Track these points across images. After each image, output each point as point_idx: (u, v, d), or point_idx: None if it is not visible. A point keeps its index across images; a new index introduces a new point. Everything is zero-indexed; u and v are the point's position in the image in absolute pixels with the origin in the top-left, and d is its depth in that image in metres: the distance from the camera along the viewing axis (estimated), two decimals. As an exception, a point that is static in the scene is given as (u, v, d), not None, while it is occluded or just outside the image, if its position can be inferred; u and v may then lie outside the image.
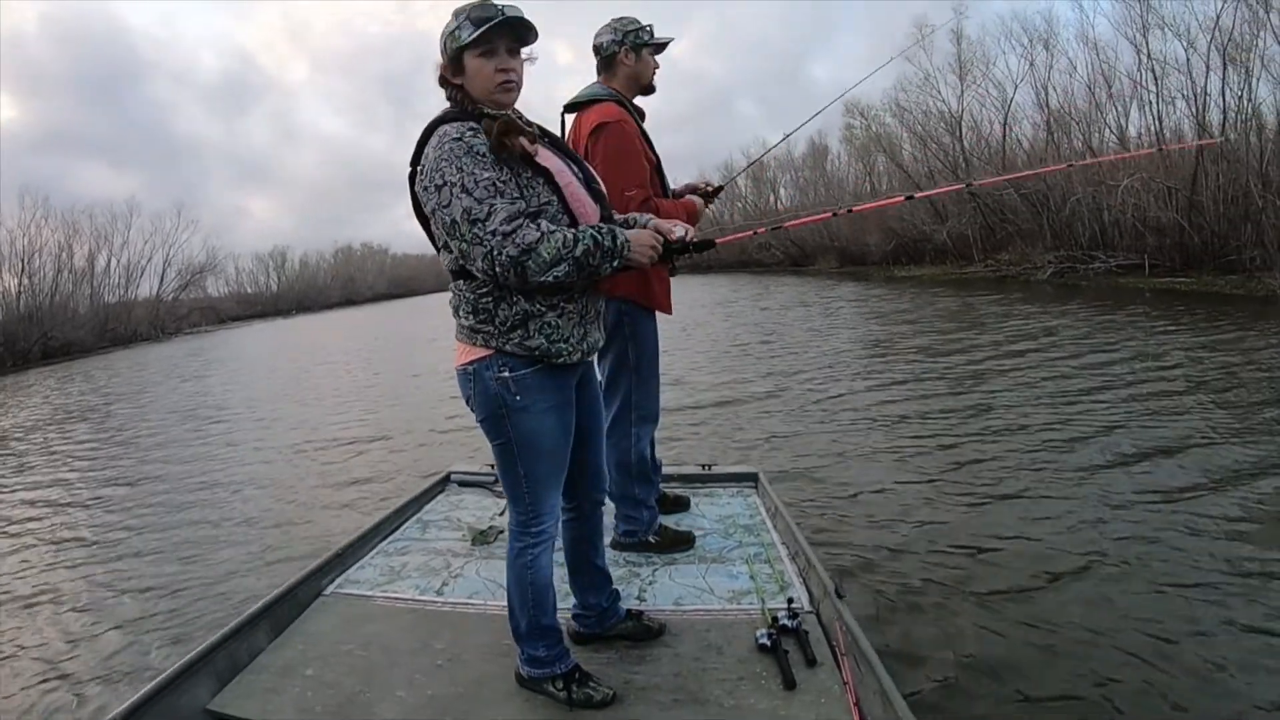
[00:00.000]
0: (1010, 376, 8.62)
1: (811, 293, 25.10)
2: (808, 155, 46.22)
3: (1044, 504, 4.67)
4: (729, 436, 7.15)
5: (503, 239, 1.77)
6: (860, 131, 35.83)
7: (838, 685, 2.13)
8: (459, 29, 1.88)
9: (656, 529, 3.19)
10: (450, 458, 6.76)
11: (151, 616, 4.24)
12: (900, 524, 4.54)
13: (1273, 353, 8.55)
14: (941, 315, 15.78)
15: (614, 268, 1.92)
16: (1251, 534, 3.98)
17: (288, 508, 6.26)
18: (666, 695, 2.16)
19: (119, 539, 5.87)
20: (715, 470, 4.19)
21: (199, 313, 54.95)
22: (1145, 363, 8.50)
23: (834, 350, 11.86)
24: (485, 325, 1.96)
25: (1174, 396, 6.94)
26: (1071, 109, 23.66)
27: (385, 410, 10.78)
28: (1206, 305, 13.56)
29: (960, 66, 27.77)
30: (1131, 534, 4.12)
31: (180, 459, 8.94)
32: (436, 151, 1.83)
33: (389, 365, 17.39)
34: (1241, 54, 17.24)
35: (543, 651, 2.16)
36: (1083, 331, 11.35)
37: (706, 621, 2.57)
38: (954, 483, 5.18)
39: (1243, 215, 17.07)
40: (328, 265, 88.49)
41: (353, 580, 3.07)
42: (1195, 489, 4.66)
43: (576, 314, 2.01)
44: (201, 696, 2.25)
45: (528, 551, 2.12)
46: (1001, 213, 25.77)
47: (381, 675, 2.32)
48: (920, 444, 6.23)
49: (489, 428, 2.06)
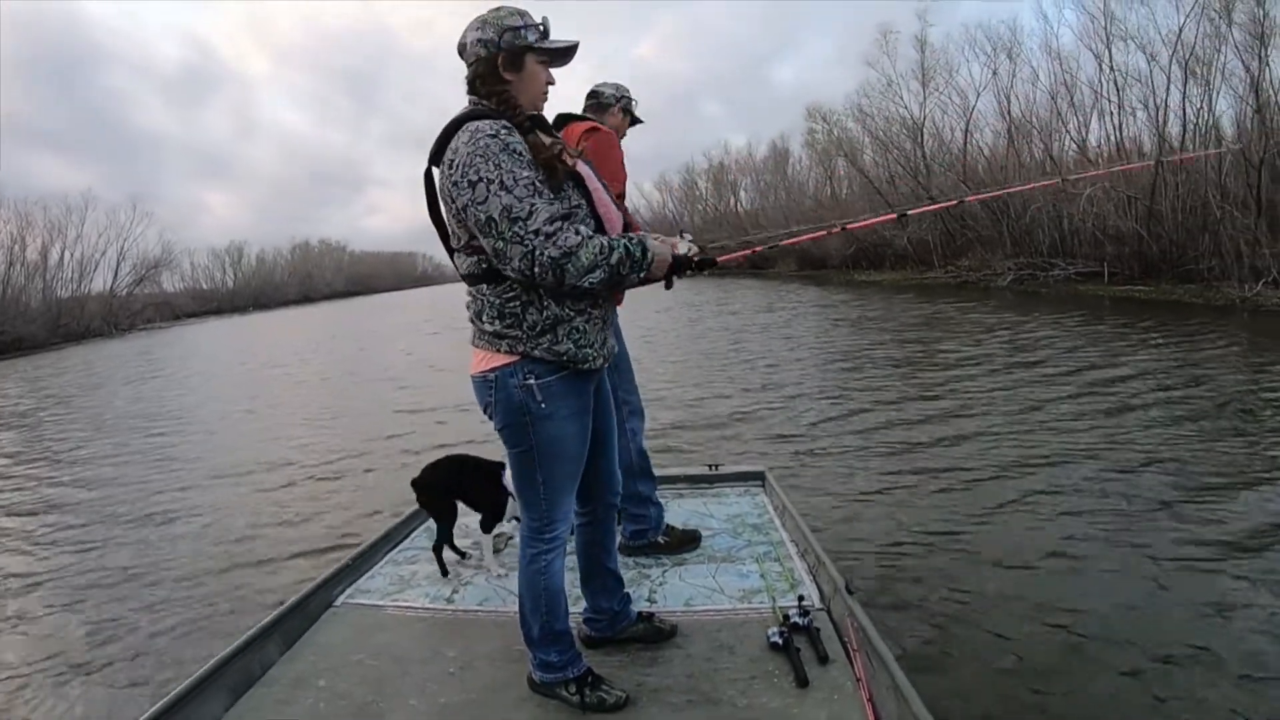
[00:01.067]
0: (996, 380, 8.53)
1: (777, 298, 24.79)
2: (769, 158, 46.17)
3: (1056, 498, 4.66)
4: (737, 437, 6.99)
5: (545, 239, 1.74)
6: (822, 135, 35.74)
7: (850, 682, 2.11)
8: (525, 29, 1.87)
9: (664, 529, 3.19)
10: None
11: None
12: (910, 520, 4.51)
13: (1238, 360, 8.81)
14: (921, 322, 15.48)
15: (639, 279, 1.91)
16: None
17: (233, 548, 5.35)
18: (679, 696, 2.14)
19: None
20: (722, 470, 4.15)
21: (153, 308, 53.95)
22: (1149, 379, 8.31)
23: (817, 356, 11.46)
24: (513, 330, 1.91)
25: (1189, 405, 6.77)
26: (1033, 117, 23.72)
27: (341, 438, 9.74)
28: (1172, 314, 13.52)
29: (923, 73, 27.78)
30: (1152, 529, 4.14)
31: (107, 481, 7.93)
32: (470, 147, 1.78)
33: (365, 392, 16.52)
34: (1202, 67, 17.33)
35: (555, 656, 2.14)
36: (1078, 340, 11.23)
37: (717, 621, 2.55)
38: (963, 481, 5.15)
39: (1201, 225, 17.15)
40: (285, 262, 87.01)
41: (363, 590, 3.04)
42: (1210, 492, 4.64)
43: (601, 319, 2.01)
44: (215, 710, 2.22)
45: (541, 557, 2.09)
46: (962, 219, 25.76)
47: (393, 684, 2.31)
48: (922, 444, 6.16)
49: (509, 435, 2.01)
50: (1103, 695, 2.76)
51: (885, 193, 30.18)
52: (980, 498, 4.79)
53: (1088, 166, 20.69)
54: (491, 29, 1.87)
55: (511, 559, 2.99)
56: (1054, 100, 22.67)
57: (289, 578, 4.60)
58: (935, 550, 4.06)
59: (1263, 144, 15.64)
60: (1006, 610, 3.38)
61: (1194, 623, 3.18)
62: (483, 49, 1.88)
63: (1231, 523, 4.19)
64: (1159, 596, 3.43)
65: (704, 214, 54.05)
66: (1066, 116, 22.43)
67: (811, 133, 37.02)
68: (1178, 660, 2.91)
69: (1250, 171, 15.93)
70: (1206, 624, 3.17)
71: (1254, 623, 3.16)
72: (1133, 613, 3.28)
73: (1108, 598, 3.42)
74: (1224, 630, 3.12)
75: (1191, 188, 17.40)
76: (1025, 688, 2.82)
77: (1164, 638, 3.07)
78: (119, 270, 49.58)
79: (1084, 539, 4.07)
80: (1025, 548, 4.01)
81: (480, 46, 1.88)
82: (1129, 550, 3.90)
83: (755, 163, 48.24)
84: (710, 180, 54.92)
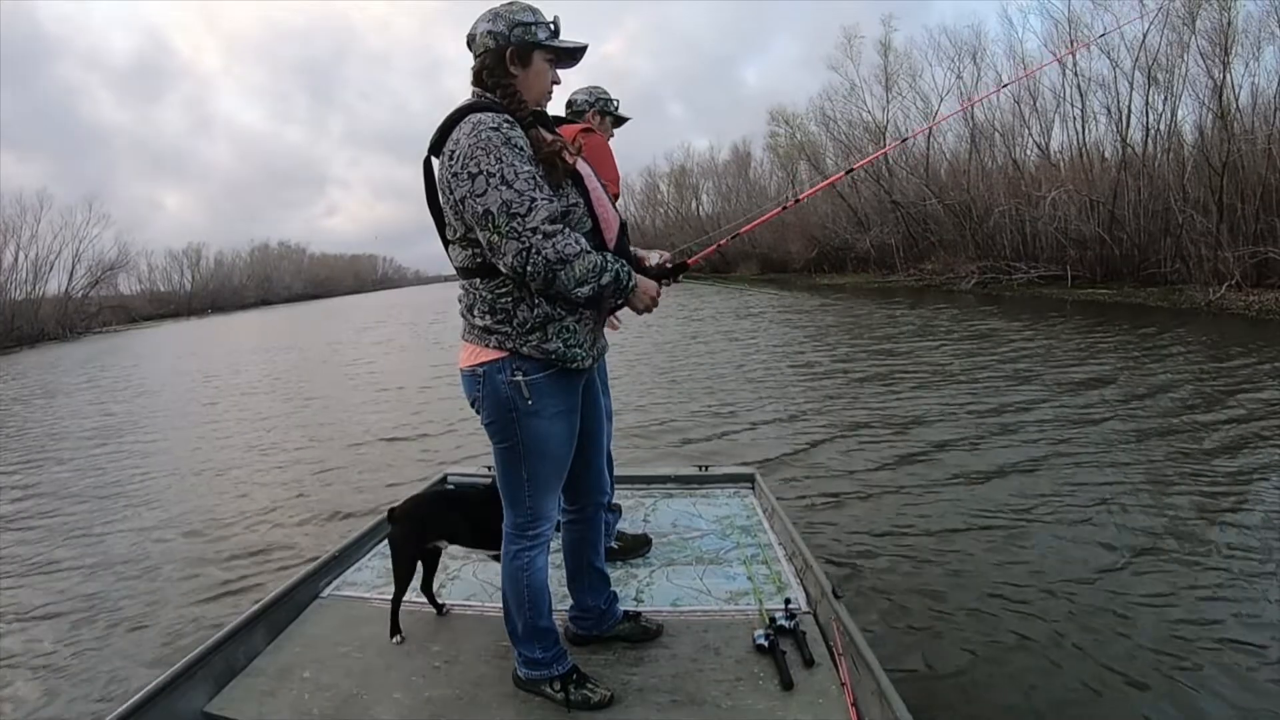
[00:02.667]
0: (983, 386, 8.30)
1: (742, 303, 24.21)
2: (731, 162, 45.82)
3: (1045, 507, 4.58)
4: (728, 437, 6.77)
5: (543, 239, 1.73)
6: (784, 139, 35.38)
7: (835, 686, 2.09)
8: (535, 25, 1.86)
9: (616, 534, 3.10)
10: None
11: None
12: (895, 525, 4.45)
13: (1208, 362, 8.83)
14: (896, 327, 14.86)
15: (615, 305, 1.96)
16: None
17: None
18: (664, 696, 2.11)
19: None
20: (712, 471, 4.08)
21: (109, 311, 51.60)
22: (1143, 383, 8.03)
23: (795, 361, 10.72)
24: (502, 326, 1.88)
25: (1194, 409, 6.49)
26: (996, 122, 23.53)
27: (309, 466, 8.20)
28: (1138, 317, 13.32)
29: (886, 77, 27.52)
30: (1135, 536, 4.09)
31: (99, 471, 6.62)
32: (471, 139, 1.75)
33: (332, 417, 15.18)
34: (1164, 74, 17.22)
35: (539, 653, 2.10)
36: (1054, 344, 10.88)
37: (704, 622, 2.52)
38: (951, 488, 5.05)
39: (1162, 229, 17.06)
40: (244, 264, 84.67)
41: (350, 582, 2.99)
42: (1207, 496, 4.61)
43: (592, 319, 1.98)
44: (198, 699, 2.18)
45: (524, 554, 2.06)
46: (924, 223, 25.58)
47: (378, 677, 2.28)
48: (912, 451, 6.00)
49: (495, 430, 1.97)
50: (1088, 702, 2.73)
51: (847, 196, 29.97)
52: (968, 505, 4.70)
53: (1050, 171, 20.61)
54: (503, 22, 1.85)
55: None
56: (1018, 104, 22.49)
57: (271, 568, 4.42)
58: (922, 556, 4.00)
59: (1225, 148, 15.55)
60: (992, 617, 3.34)
61: (1185, 634, 3.11)
62: (492, 41, 1.85)
63: (1230, 524, 4.15)
64: (1149, 608, 3.35)
65: (665, 217, 53.61)
66: (1029, 121, 22.24)
67: (774, 136, 36.60)
68: (1167, 671, 2.87)
69: (1213, 176, 15.84)
70: (1195, 636, 3.10)
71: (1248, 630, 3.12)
72: (1122, 622, 3.23)
73: (1096, 606, 3.37)
74: (1218, 644, 3.03)
75: (1153, 192, 17.30)
76: (1010, 695, 2.80)
77: (1153, 649, 3.02)
78: (74, 272, 47.43)
79: (1073, 546, 4.01)
80: (1011, 555, 3.96)
81: (490, 38, 1.85)
82: (1119, 558, 3.83)
83: (717, 166, 47.85)
84: (672, 183, 54.48)
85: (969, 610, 3.40)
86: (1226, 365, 8.59)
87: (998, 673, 2.93)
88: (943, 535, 4.26)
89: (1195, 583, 3.50)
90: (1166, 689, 2.76)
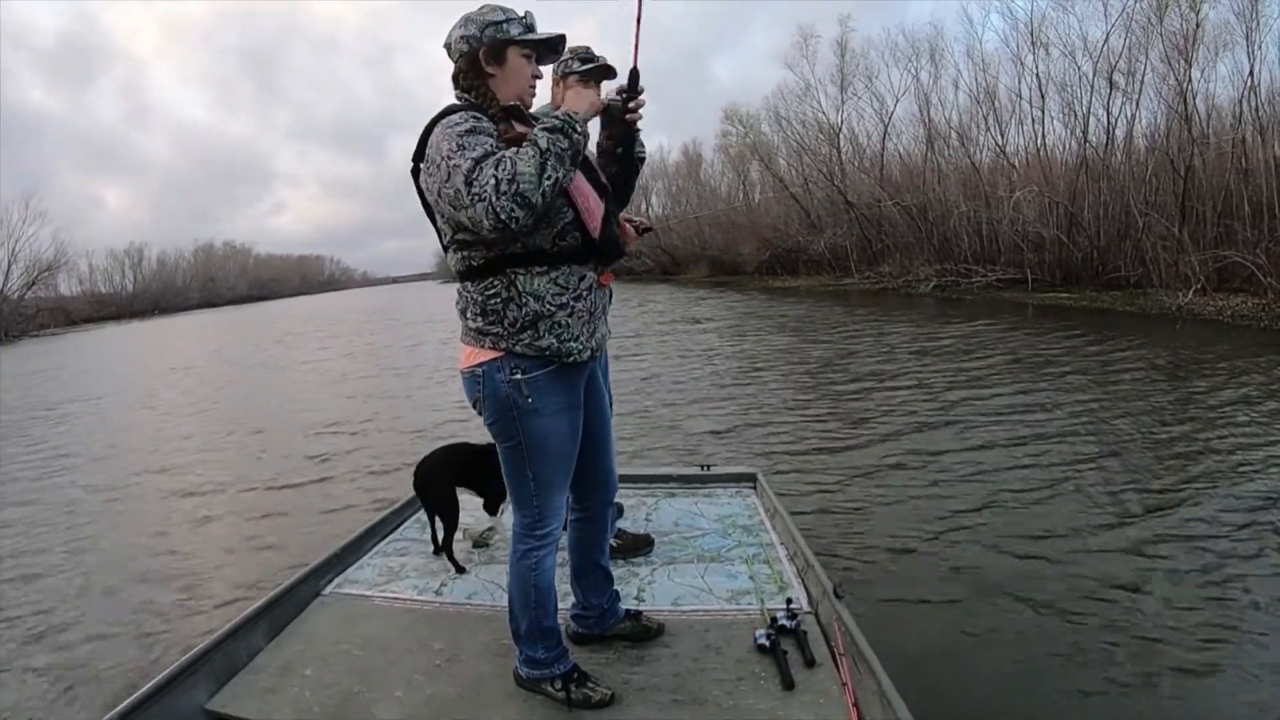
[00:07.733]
0: (972, 389, 7.91)
1: (698, 306, 22.90)
2: (682, 164, 44.57)
3: (1046, 506, 4.54)
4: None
5: (494, 183, 1.63)
6: (736, 139, 34.20)
7: (836, 686, 2.03)
8: (507, 23, 1.84)
9: (616, 531, 2.96)
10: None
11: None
12: (897, 525, 4.37)
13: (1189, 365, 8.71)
14: (861, 329, 13.70)
15: (582, 135, 1.75)
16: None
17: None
18: (665, 695, 2.05)
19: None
20: (714, 471, 4.01)
21: (48, 313, 49.62)
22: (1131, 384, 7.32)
23: (784, 365, 9.55)
24: (494, 326, 1.85)
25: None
26: (953, 123, 22.70)
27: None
28: (1121, 324, 12.48)
29: (842, 78, 26.52)
30: (1135, 537, 4.00)
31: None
32: (438, 136, 1.73)
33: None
34: (1125, 77, 16.51)
35: (542, 653, 2.05)
36: (1036, 348, 9.99)
37: (705, 622, 2.44)
38: (951, 490, 4.94)
39: (1123, 232, 16.37)
40: (187, 264, 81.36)
41: (351, 580, 2.92)
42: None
43: (585, 312, 1.89)
44: (199, 696, 2.14)
45: (533, 554, 1.99)
46: (879, 225, 24.71)
47: (380, 675, 2.22)
48: (911, 452, 5.91)
49: (498, 430, 1.93)
50: (1092, 703, 2.66)
51: (799, 197, 29.04)
52: (970, 505, 4.61)
53: (1008, 171, 19.88)
54: (474, 25, 1.84)
55: (502, 553, 2.96)
56: (977, 103, 21.62)
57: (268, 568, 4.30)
58: (923, 557, 3.95)
59: (1189, 151, 14.88)
60: (994, 617, 3.28)
61: (1191, 628, 3.07)
62: (465, 45, 1.85)
63: (1225, 522, 4.10)
64: (1153, 603, 3.32)
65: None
66: (988, 122, 21.41)
67: (725, 135, 35.29)
68: (1170, 667, 2.82)
69: (1176, 179, 15.17)
70: (1210, 632, 3.03)
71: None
72: (1126, 618, 3.19)
73: (1098, 603, 3.33)
74: (1225, 640, 2.98)
75: (1113, 194, 16.62)
76: (1011, 695, 2.74)
77: (1157, 644, 2.97)
78: (10, 273, 45.03)
79: (1075, 545, 3.95)
80: (1012, 554, 3.88)
81: (464, 43, 1.85)
82: (1122, 557, 3.78)
83: (668, 167, 46.51)
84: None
85: (971, 610, 3.35)
86: (1237, 379, 7.75)
87: (1000, 673, 2.89)
88: (945, 536, 4.18)
89: (1211, 585, 3.43)
90: (1177, 691, 2.70)
